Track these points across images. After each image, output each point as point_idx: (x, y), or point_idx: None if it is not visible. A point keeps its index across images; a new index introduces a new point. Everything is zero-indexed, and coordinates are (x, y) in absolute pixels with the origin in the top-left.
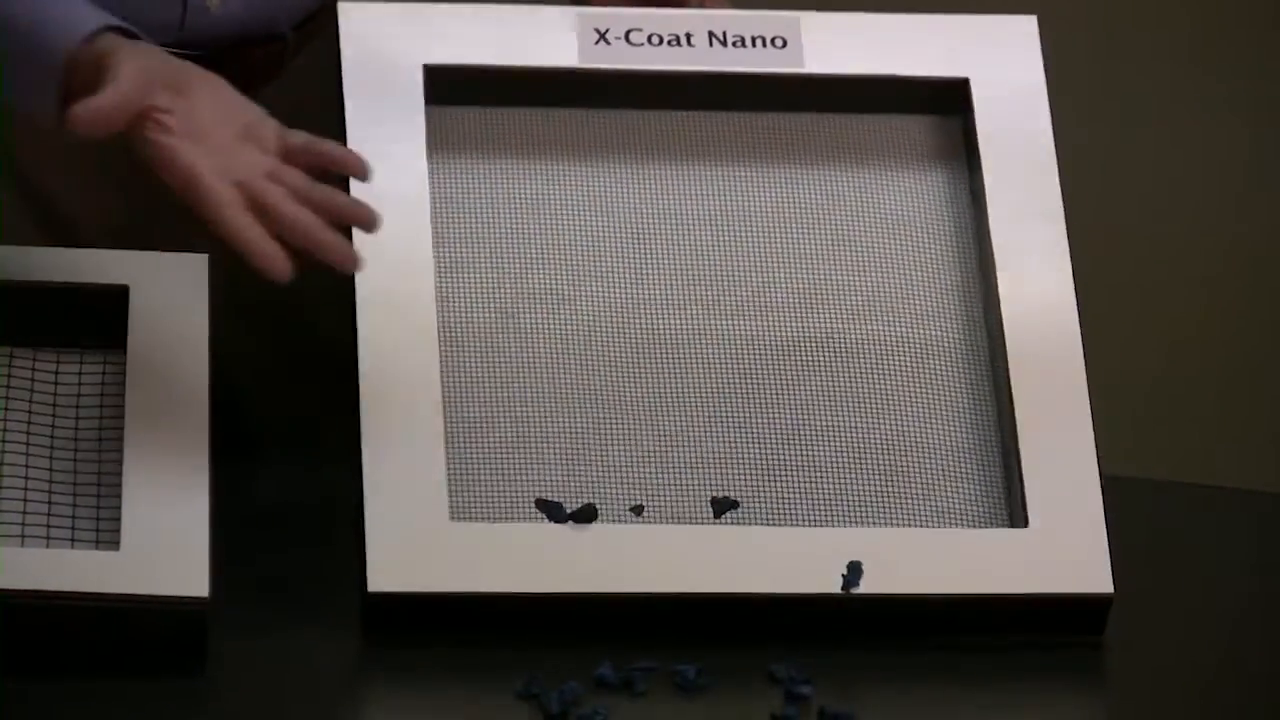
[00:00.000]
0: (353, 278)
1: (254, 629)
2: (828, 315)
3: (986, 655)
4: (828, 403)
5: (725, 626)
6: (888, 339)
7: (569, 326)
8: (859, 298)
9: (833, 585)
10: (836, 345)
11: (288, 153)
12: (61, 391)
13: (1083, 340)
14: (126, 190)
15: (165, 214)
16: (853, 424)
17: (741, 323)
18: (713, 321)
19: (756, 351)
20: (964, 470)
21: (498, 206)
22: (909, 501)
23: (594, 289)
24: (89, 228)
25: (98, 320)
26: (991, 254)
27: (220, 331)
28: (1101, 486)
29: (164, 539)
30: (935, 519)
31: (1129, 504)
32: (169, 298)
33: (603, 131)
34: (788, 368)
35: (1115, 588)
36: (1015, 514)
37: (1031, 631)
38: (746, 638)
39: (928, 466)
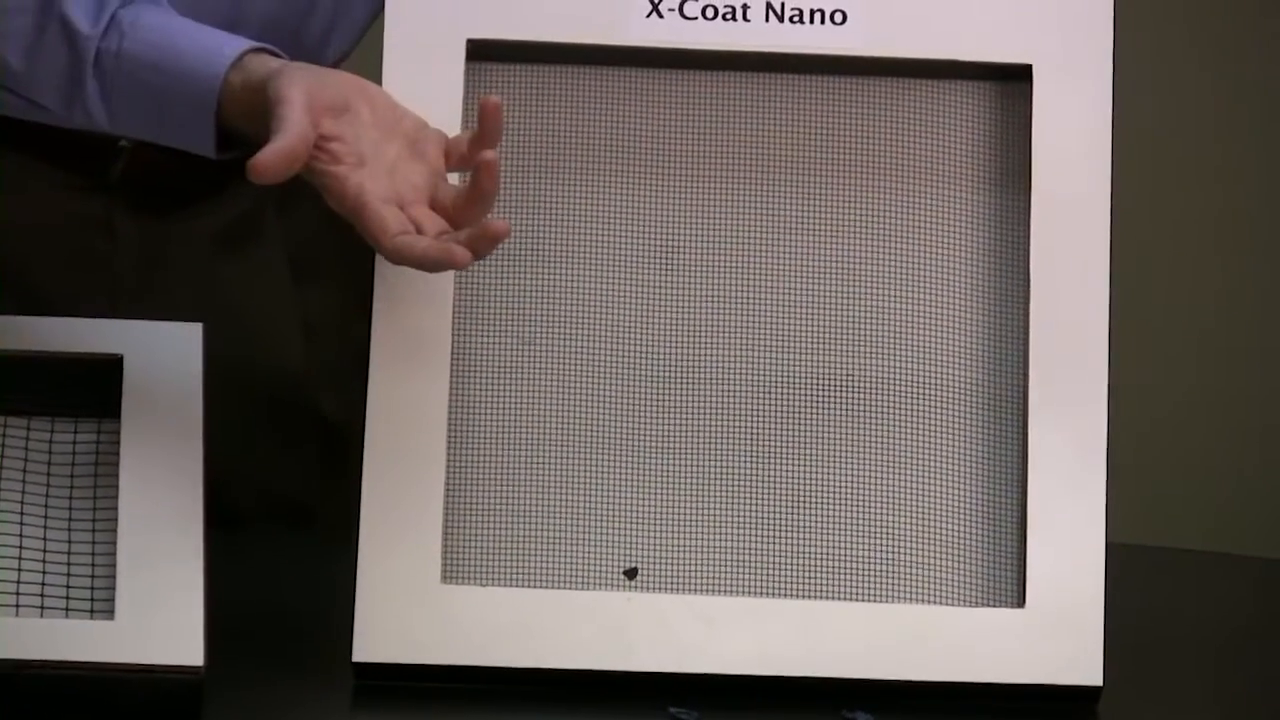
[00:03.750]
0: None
1: (248, 698)
2: (859, 350)
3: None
4: (842, 458)
5: (717, 696)
6: (910, 379)
7: (583, 370)
8: (888, 331)
9: (825, 668)
10: (862, 388)
11: (451, 158)
12: (56, 460)
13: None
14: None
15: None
16: (865, 481)
17: (763, 363)
18: (729, 365)
19: (781, 394)
20: (971, 536)
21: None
22: (908, 568)
23: (608, 331)
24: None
25: (92, 389)
26: (1029, 301)
27: (215, 400)
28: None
29: (159, 608)
30: (934, 590)
31: (1126, 571)
32: (163, 366)
33: (632, 133)
34: (803, 413)
35: (1110, 659)
36: (1015, 590)
37: (1020, 708)
38: (738, 705)
39: (937, 527)
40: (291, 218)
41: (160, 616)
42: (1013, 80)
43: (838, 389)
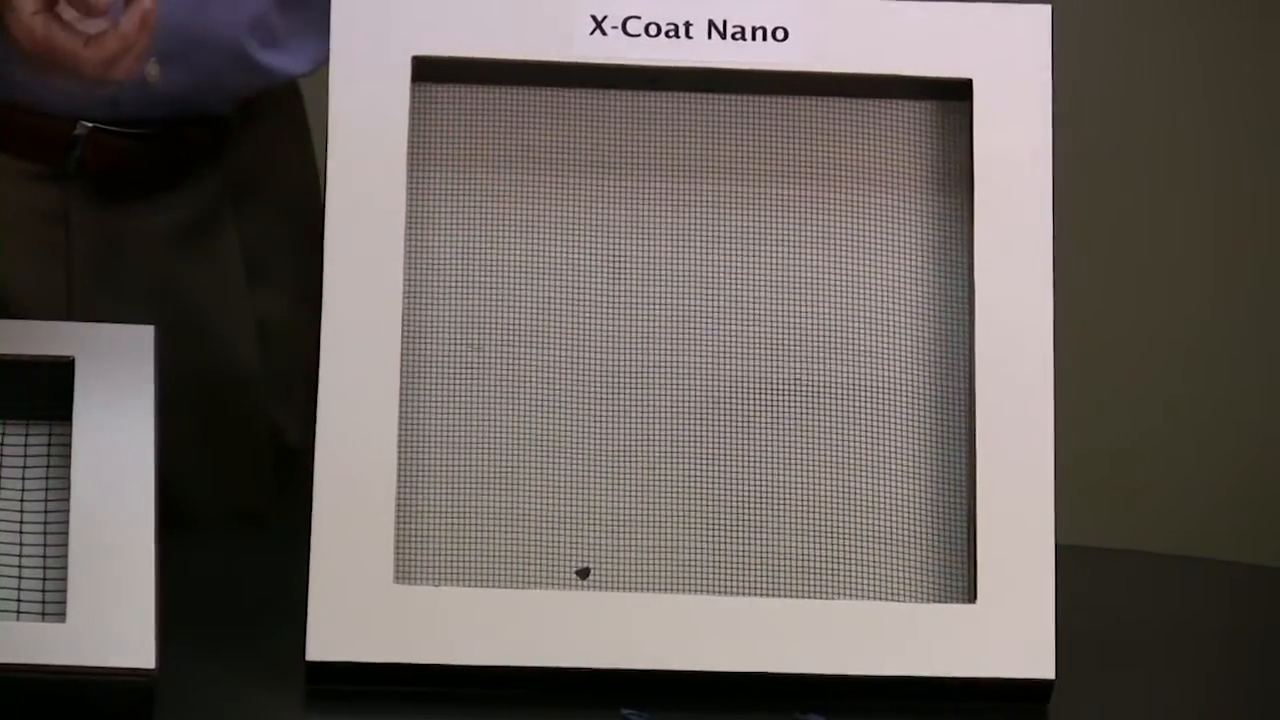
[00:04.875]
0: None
1: (201, 699)
2: (808, 356)
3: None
4: (793, 459)
5: (671, 693)
6: (857, 384)
7: (533, 373)
8: (834, 337)
9: (780, 664)
10: (811, 391)
11: None
12: (7, 463)
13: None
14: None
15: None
16: (816, 481)
17: (713, 367)
18: (679, 369)
19: (730, 398)
20: (921, 534)
21: (470, 269)
22: (859, 566)
23: (557, 336)
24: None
25: (43, 392)
26: (974, 306)
27: (169, 399)
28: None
29: (110, 611)
30: (885, 587)
31: (1077, 572)
32: (115, 370)
33: (580, 145)
34: (753, 414)
35: (1062, 661)
36: (965, 586)
37: (972, 707)
38: (693, 703)
39: (886, 526)
40: (247, 215)
41: (112, 619)
42: (953, 93)
43: (787, 392)
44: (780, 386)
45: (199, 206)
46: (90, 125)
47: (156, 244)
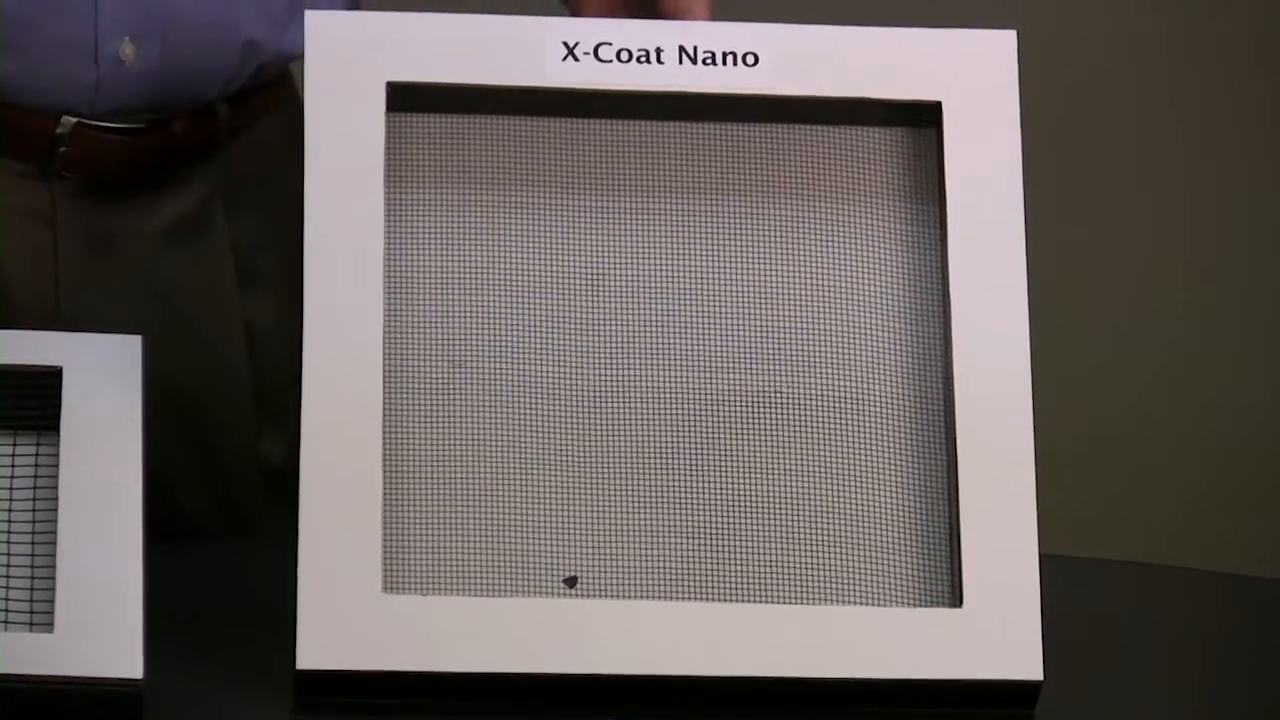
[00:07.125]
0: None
1: (189, 710)
2: (790, 368)
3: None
4: (778, 469)
5: (661, 699)
6: (837, 395)
7: (516, 386)
8: (814, 349)
9: (769, 669)
10: (795, 402)
11: None
12: None
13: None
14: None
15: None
16: (801, 491)
17: (698, 379)
18: (662, 381)
19: (713, 409)
20: (904, 541)
21: (449, 278)
22: (844, 573)
23: (539, 349)
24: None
25: (31, 402)
26: (950, 318)
27: (157, 405)
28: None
29: (98, 621)
30: (870, 593)
31: (1060, 582)
32: (102, 379)
33: (558, 167)
34: (739, 425)
35: (1049, 667)
36: (951, 591)
37: (960, 711)
38: (683, 708)
39: (869, 534)
40: (239, 217)
41: (99, 629)
42: (923, 115)
43: (770, 403)
44: (763, 398)
45: (189, 207)
46: (74, 121)
47: (145, 245)
